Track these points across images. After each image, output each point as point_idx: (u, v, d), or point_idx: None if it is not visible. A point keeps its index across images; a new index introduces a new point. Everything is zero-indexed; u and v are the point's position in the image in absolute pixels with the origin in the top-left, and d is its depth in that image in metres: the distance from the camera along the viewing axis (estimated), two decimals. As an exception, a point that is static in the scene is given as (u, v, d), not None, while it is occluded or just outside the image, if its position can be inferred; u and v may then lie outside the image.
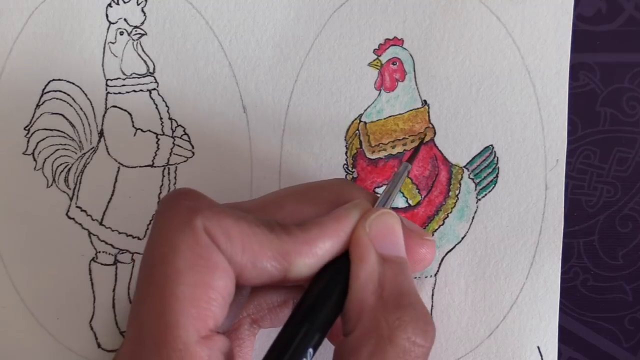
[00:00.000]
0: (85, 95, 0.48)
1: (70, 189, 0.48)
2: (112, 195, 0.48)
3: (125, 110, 0.48)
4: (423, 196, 0.48)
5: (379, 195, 0.39)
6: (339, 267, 0.35)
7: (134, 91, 0.48)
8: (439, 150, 0.48)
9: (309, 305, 0.34)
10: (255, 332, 0.40)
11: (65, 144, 0.48)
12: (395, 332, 0.32)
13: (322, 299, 0.34)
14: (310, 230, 0.34)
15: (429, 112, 0.48)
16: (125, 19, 0.48)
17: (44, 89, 0.48)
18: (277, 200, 0.38)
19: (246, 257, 0.33)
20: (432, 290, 0.47)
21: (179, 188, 0.36)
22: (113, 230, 0.47)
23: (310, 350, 0.33)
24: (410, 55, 0.48)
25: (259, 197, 0.39)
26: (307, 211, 0.36)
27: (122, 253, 0.48)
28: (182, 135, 0.48)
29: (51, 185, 0.48)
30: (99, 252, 0.47)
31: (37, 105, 0.48)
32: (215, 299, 0.32)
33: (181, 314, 0.31)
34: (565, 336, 0.48)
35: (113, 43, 0.48)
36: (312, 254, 0.34)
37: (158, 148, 0.48)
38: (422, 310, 0.34)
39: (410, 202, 0.48)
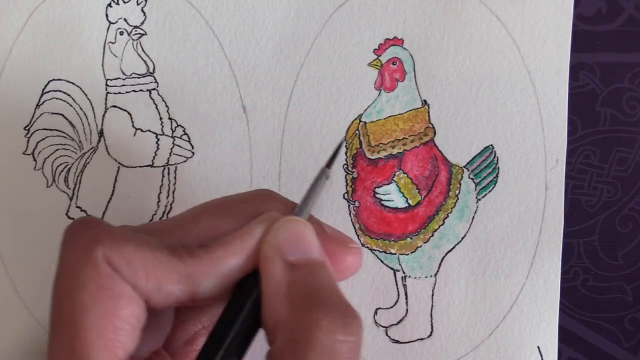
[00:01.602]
0: (85, 95, 0.48)
1: (70, 188, 0.48)
2: (111, 195, 0.48)
3: (125, 110, 0.48)
4: (423, 196, 0.48)
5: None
6: (252, 282, 0.34)
7: (134, 91, 0.48)
8: (439, 150, 0.48)
9: (220, 328, 0.34)
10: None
11: (65, 144, 0.48)
12: (311, 333, 0.31)
13: (232, 319, 0.34)
14: (214, 250, 0.34)
15: (429, 112, 0.48)
16: (125, 19, 0.48)
17: (43, 89, 0.48)
18: (194, 215, 0.37)
19: (151, 283, 0.33)
20: (432, 290, 0.47)
21: (80, 218, 0.36)
22: (113, 230, 0.47)
23: None
24: (410, 55, 0.48)
25: (178, 213, 0.38)
26: (225, 226, 0.36)
27: (122, 253, 0.48)
28: (181, 135, 0.48)
29: (51, 185, 0.48)
30: (99, 252, 0.47)
31: (37, 105, 0.48)
32: (123, 328, 0.32)
33: (89, 346, 0.31)
34: (565, 336, 0.48)
35: (113, 43, 0.48)
36: (217, 274, 0.34)
37: (158, 148, 0.48)
38: (339, 305, 0.33)
39: (410, 202, 0.48)
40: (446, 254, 0.48)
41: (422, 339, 0.47)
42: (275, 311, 0.33)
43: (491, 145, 0.48)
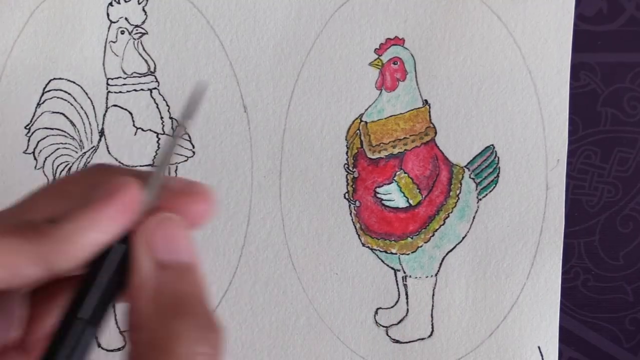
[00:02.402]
0: (86, 94, 0.48)
1: (70, 188, 0.47)
2: (112, 194, 0.47)
3: (125, 109, 0.48)
4: (424, 196, 0.48)
5: (143, 172, 0.33)
6: (114, 253, 0.32)
7: (135, 90, 0.48)
8: (440, 150, 0.48)
9: (76, 297, 0.31)
10: None
11: (66, 143, 0.48)
12: (172, 342, 0.31)
13: (91, 288, 0.31)
14: (63, 226, 0.31)
15: (429, 112, 0.48)
16: (126, 18, 0.48)
17: (44, 88, 0.48)
18: (31, 200, 0.34)
19: (7, 272, 0.30)
20: (433, 290, 0.47)
21: None
22: (113, 230, 0.47)
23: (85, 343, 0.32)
24: (412, 55, 0.48)
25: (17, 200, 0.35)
26: (62, 207, 0.32)
27: (123, 252, 0.48)
28: (182, 135, 0.48)
29: (52, 184, 0.48)
30: (100, 251, 0.47)
31: (38, 104, 0.48)
32: None
33: None
34: (566, 336, 0.48)
35: (114, 42, 0.48)
36: (72, 249, 0.31)
37: (159, 147, 0.48)
38: (203, 316, 0.32)
39: (411, 202, 0.48)
40: (447, 253, 0.48)
41: (422, 339, 0.47)
42: (140, 310, 0.32)
43: (492, 145, 0.47)
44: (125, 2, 0.48)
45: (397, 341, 0.48)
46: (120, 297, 0.32)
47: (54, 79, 0.48)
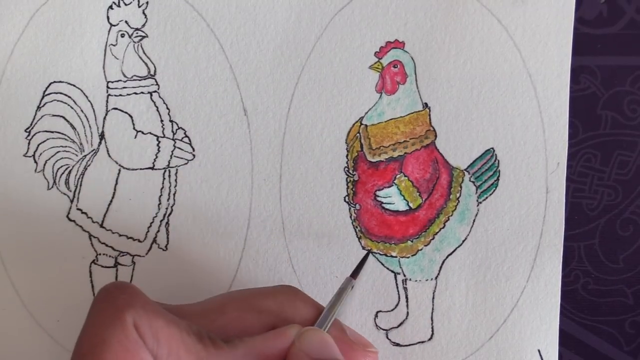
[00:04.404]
0: (86, 97, 0.48)
1: (70, 191, 0.48)
2: (112, 197, 0.48)
3: (126, 113, 0.48)
4: (424, 199, 0.48)
5: (323, 307, 0.40)
6: None
7: (135, 93, 0.48)
8: (440, 153, 0.48)
9: None
10: None
11: (66, 146, 0.48)
12: None
13: None
14: (237, 347, 0.36)
15: (429, 115, 0.48)
16: (126, 21, 0.48)
17: (44, 91, 0.48)
18: (220, 306, 0.39)
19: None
20: (433, 293, 0.47)
21: (119, 281, 0.38)
22: (113, 233, 0.47)
23: None
24: (412, 58, 0.48)
25: (203, 300, 0.41)
26: (250, 319, 0.38)
27: (123, 255, 0.48)
28: (182, 138, 0.48)
29: (52, 187, 0.48)
30: (100, 254, 0.47)
31: (38, 107, 0.48)
32: None
33: None
34: (566, 339, 0.48)
35: (114, 45, 0.48)
36: None
37: (159, 150, 0.48)
38: None
39: (411, 205, 0.48)
40: (447, 257, 0.48)
41: (422, 342, 0.47)
42: None
43: (492, 148, 0.48)
44: (126, 5, 0.48)
45: (397, 344, 0.48)
46: None
47: (54, 82, 0.48)
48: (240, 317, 0.38)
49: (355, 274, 0.43)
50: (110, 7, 0.48)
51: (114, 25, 0.48)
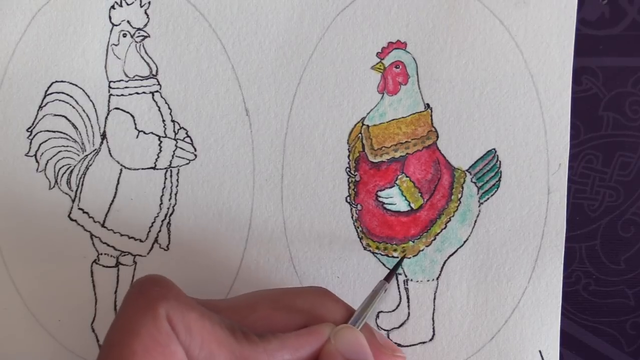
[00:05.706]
0: (88, 97, 0.48)
1: (72, 190, 0.48)
2: (114, 197, 0.48)
3: (127, 112, 0.48)
4: (425, 200, 0.48)
5: (353, 309, 0.40)
6: None
7: (137, 93, 0.48)
8: (442, 154, 0.48)
9: None
10: None
11: (67, 146, 0.48)
12: None
13: None
14: (270, 342, 0.36)
15: (431, 116, 0.48)
16: (128, 21, 0.48)
17: (46, 91, 0.48)
18: (251, 303, 0.39)
19: (203, 354, 0.34)
20: (434, 293, 0.47)
21: (153, 274, 0.38)
22: (115, 233, 0.47)
23: None
24: (414, 59, 0.48)
25: (234, 296, 0.41)
26: (280, 318, 0.38)
27: (124, 255, 0.48)
28: (184, 138, 0.48)
29: (53, 187, 0.48)
30: (101, 254, 0.47)
31: (40, 107, 0.48)
32: None
33: None
34: (567, 340, 0.48)
35: (116, 45, 0.48)
36: None
37: (160, 150, 0.48)
38: None
39: (412, 205, 0.48)
40: (448, 257, 0.48)
41: (423, 343, 0.47)
42: None
43: (494, 149, 0.48)
44: (128, 5, 0.48)
45: (399, 344, 0.48)
46: None
47: (56, 81, 0.48)
48: (271, 315, 0.38)
49: (389, 277, 0.44)
50: (113, 6, 0.48)
51: (116, 25, 0.48)
